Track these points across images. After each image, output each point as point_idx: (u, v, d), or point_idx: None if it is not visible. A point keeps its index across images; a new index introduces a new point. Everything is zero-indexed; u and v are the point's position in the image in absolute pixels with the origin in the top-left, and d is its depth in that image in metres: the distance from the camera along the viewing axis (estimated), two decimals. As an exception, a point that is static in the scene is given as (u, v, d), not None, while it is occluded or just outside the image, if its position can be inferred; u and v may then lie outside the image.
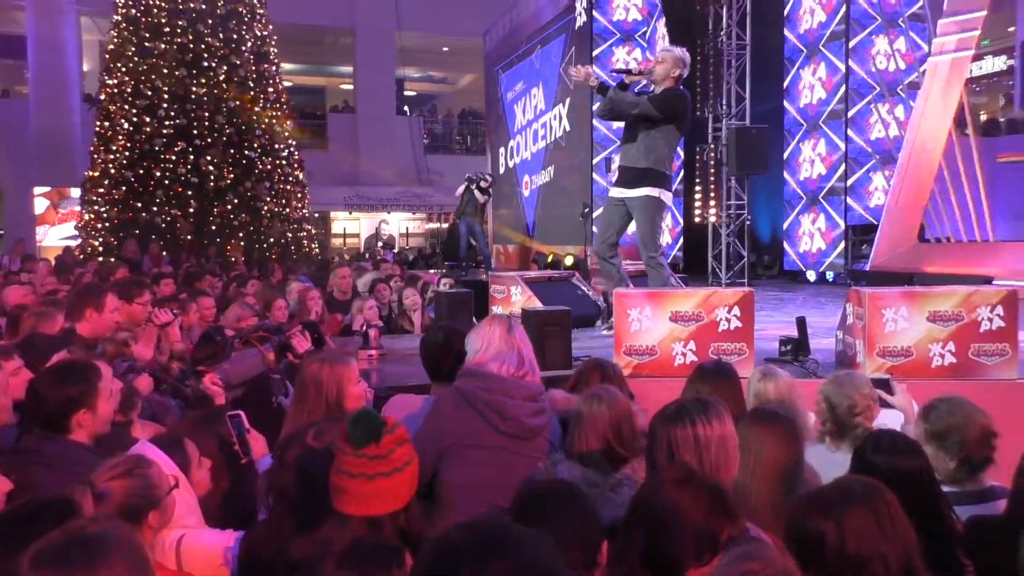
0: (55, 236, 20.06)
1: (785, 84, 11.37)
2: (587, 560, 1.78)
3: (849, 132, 10.36)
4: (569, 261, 13.98)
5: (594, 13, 14.06)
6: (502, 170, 19.11)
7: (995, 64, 17.69)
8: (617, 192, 5.54)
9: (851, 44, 10.29)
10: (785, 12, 11.36)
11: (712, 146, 11.81)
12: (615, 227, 5.60)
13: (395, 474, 1.80)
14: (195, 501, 2.27)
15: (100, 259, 12.89)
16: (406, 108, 26.55)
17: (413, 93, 29.14)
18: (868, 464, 2.16)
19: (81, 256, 13.70)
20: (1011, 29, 16.08)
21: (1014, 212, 11.30)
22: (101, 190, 14.15)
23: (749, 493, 2.21)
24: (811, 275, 11.33)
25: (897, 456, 2.16)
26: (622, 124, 5.74)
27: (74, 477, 1.99)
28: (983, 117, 15.71)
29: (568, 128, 15.36)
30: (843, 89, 10.36)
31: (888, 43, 10.25)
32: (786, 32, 11.37)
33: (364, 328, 5.38)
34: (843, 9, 10.31)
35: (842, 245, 10.47)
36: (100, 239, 13.97)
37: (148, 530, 1.94)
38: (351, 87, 25.99)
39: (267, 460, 2.54)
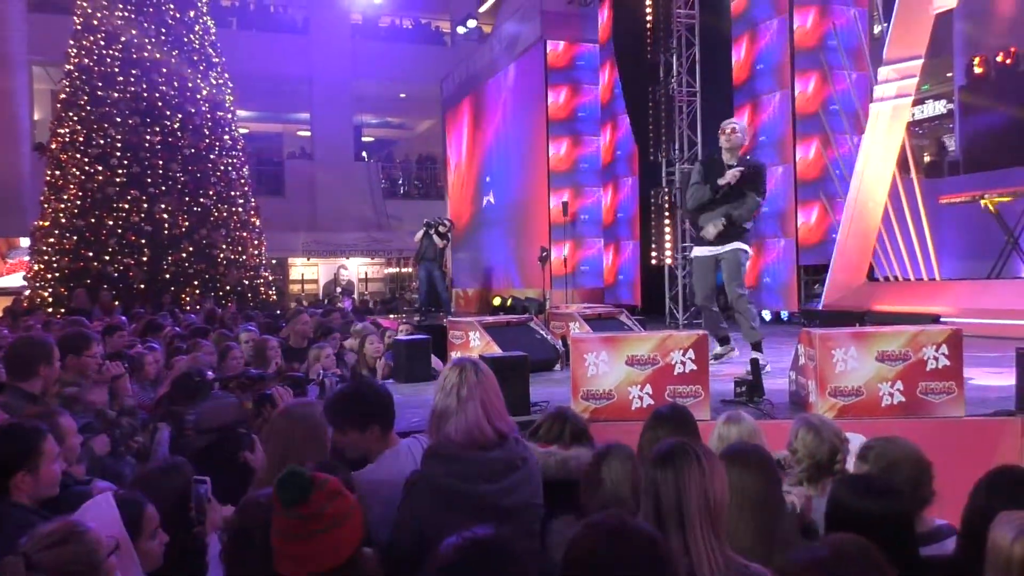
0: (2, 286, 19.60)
1: (735, 129, 11.64)
2: None
3: (798, 174, 10.63)
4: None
5: (547, 60, 14.36)
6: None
7: (935, 108, 18.32)
8: (706, 251, 6.43)
9: (796, 91, 10.61)
10: (733, 59, 11.70)
11: (666, 189, 12.02)
12: (713, 278, 6.49)
13: (333, 529, 1.77)
14: (137, 570, 2.18)
15: (49, 310, 12.62)
16: (364, 154, 26.63)
17: (371, 139, 29.26)
18: (846, 508, 2.17)
19: (27, 306, 13.40)
20: (949, 75, 16.72)
21: (958, 251, 11.62)
22: (51, 239, 13.91)
23: (736, 527, 2.21)
24: (766, 314, 11.51)
25: (876, 500, 2.16)
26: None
27: (11, 540, 1.93)
28: (925, 159, 16.22)
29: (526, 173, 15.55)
30: (791, 133, 10.64)
31: (832, 88, 10.58)
32: (733, 78, 11.69)
33: (320, 377, 5.31)
34: (787, 57, 10.65)
35: (795, 285, 10.66)
36: (50, 289, 13.70)
37: None
38: (308, 133, 26.03)
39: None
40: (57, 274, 13.72)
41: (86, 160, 13.86)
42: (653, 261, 12.40)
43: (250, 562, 1.93)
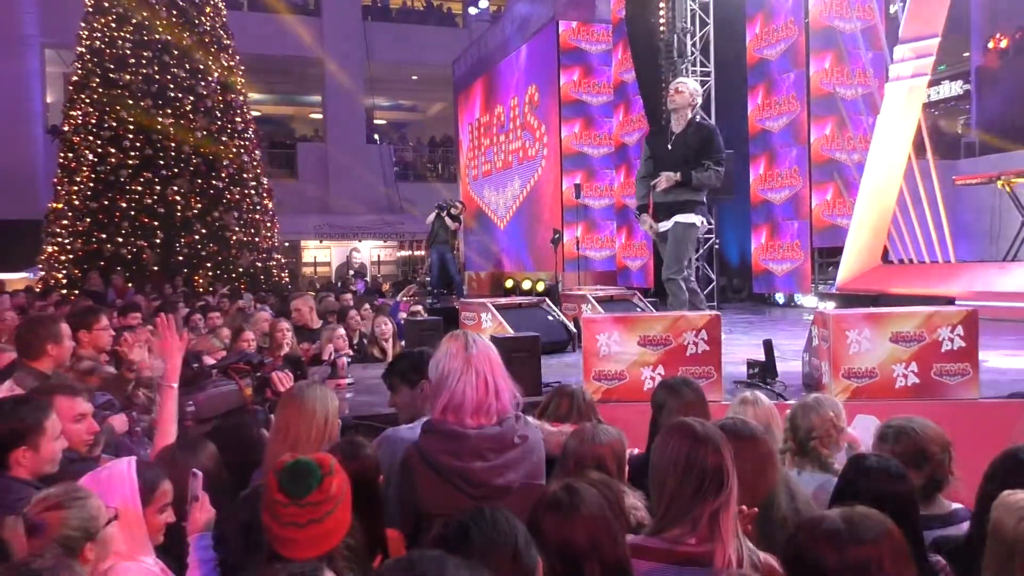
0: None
1: (749, 109, 11.53)
2: None
3: (812, 155, 10.53)
4: (540, 287, 14.00)
5: (559, 41, 14.25)
6: (473, 196, 19.16)
7: (952, 89, 18.13)
8: (662, 227, 6.13)
9: (811, 70, 10.48)
10: (747, 39, 11.56)
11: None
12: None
13: (339, 506, 1.79)
14: (145, 538, 2.16)
15: (63, 292, 12.70)
16: (376, 136, 26.57)
17: (383, 121, 29.19)
18: (853, 487, 2.15)
19: (42, 288, 13.49)
20: (966, 55, 16.51)
21: (974, 233, 11.52)
22: (65, 222, 13.99)
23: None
24: (780, 297, 11.45)
25: (884, 481, 2.15)
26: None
27: (10, 512, 1.93)
28: (941, 140, 16.06)
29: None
30: (805, 113, 10.53)
31: (848, 67, 10.46)
32: (747, 58, 11.56)
33: (332, 357, 5.33)
34: (801, 36, 10.52)
35: (809, 267, 10.59)
36: (64, 272, 13.78)
37: (85, 563, 1.86)
38: (320, 116, 25.98)
39: (204, 536, 2.32)
40: (71, 256, 13.80)
41: (98, 142, 13.91)
42: (665, 243, 12.31)
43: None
